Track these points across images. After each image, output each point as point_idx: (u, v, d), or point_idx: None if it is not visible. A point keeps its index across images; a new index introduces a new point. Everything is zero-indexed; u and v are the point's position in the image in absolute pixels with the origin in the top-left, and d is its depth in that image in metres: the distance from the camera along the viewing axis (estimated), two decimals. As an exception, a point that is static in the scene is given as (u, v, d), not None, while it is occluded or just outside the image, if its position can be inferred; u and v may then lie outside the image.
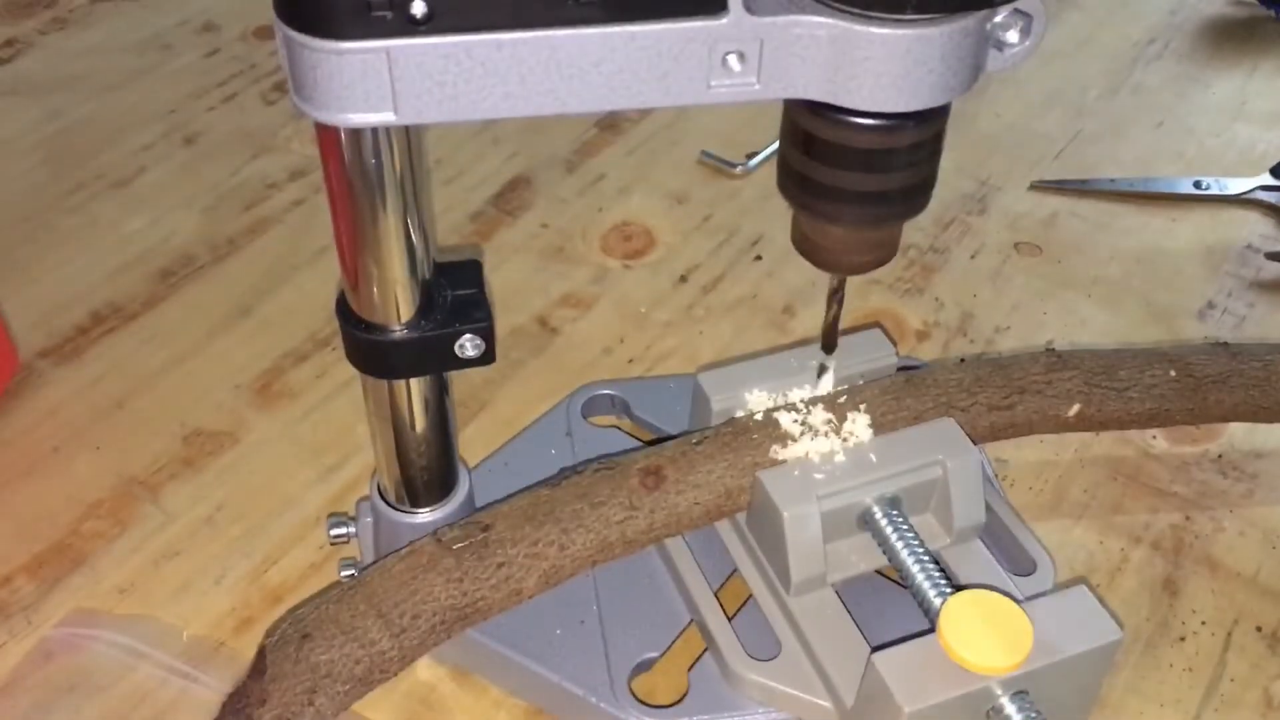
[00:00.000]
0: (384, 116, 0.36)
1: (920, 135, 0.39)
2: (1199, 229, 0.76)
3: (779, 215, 0.46)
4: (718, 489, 0.49)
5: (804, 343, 0.68)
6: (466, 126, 0.82)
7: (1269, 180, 0.78)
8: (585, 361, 0.67)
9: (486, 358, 0.46)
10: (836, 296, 0.48)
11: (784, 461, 0.49)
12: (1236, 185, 0.78)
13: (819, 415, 0.50)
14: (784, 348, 0.56)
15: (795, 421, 0.50)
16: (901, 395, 0.51)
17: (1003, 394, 0.53)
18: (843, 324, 0.50)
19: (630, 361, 0.67)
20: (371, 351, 0.45)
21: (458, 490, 0.52)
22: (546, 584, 0.47)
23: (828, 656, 0.48)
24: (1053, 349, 0.56)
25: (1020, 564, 0.54)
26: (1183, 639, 0.55)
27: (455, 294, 0.46)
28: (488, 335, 0.45)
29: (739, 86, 0.37)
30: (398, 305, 0.44)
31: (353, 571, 0.54)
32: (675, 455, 0.49)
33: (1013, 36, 0.38)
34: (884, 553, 0.49)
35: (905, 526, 0.49)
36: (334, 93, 0.36)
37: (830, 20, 0.36)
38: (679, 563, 0.53)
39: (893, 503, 0.49)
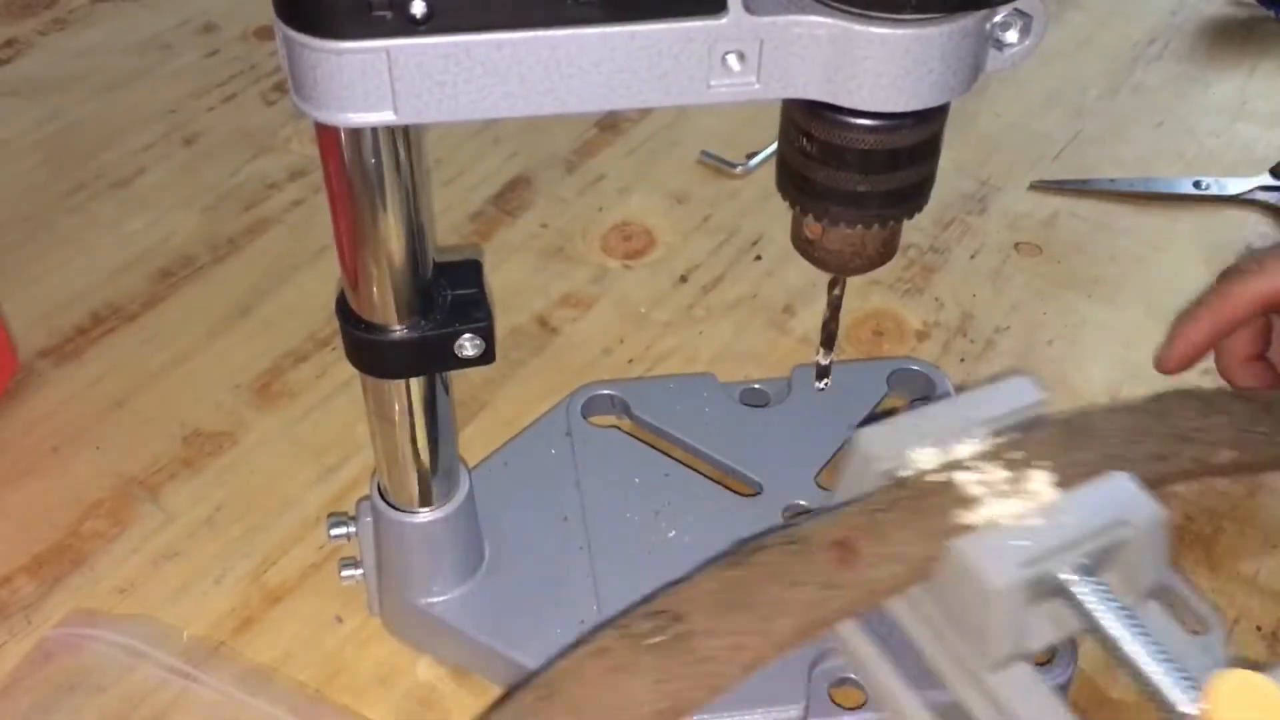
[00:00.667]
0: (384, 116, 0.36)
1: (920, 135, 0.39)
2: (1199, 229, 0.76)
3: (779, 215, 0.46)
4: (912, 561, 0.45)
5: (804, 341, 0.68)
6: (466, 126, 0.82)
7: (1269, 180, 0.78)
8: (585, 361, 0.67)
9: (486, 357, 0.46)
10: (835, 296, 0.48)
11: (974, 528, 0.45)
12: (1236, 185, 0.78)
13: (997, 474, 0.46)
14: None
15: (975, 482, 0.46)
16: (1068, 448, 0.47)
17: (1165, 444, 0.50)
18: (843, 324, 0.50)
19: (630, 361, 0.67)
20: (371, 351, 0.45)
21: (458, 490, 0.52)
22: (748, 672, 0.43)
23: None
24: (1198, 390, 0.54)
25: (1189, 623, 0.51)
26: (1183, 639, 0.55)
27: (455, 294, 0.46)
28: (487, 335, 0.45)
29: (739, 86, 0.37)
30: (397, 305, 0.44)
31: (353, 572, 0.54)
32: (864, 525, 0.45)
33: (1012, 36, 0.37)
34: (1086, 622, 0.45)
35: (1109, 596, 0.45)
36: (334, 92, 0.36)
37: (830, 20, 0.36)
38: (870, 668, 0.49)
39: (1087, 568, 0.45)
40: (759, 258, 0.74)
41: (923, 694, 0.47)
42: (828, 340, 0.50)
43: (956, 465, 0.47)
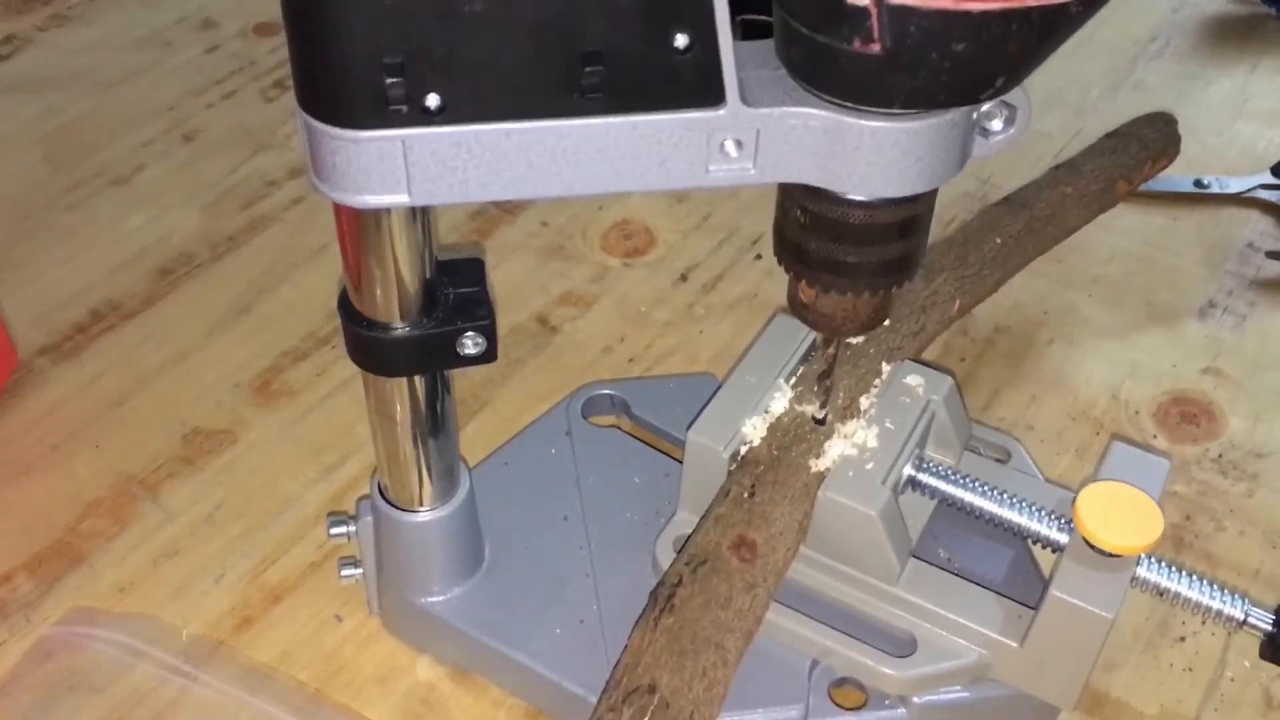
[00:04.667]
0: (399, 198, 0.38)
1: (909, 213, 0.40)
2: (1200, 227, 0.76)
3: (780, 214, 0.47)
4: (795, 527, 0.49)
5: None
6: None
7: (1269, 179, 0.78)
8: (585, 360, 0.67)
9: (488, 356, 0.46)
10: (830, 354, 0.49)
11: (829, 470, 0.50)
12: (1237, 183, 0.78)
13: (817, 414, 0.51)
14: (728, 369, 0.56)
15: (807, 431, 0.50)
16: (855, 361, 0.54)
17: (915, 319, 0.57)
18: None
19: (630, 360, 0.67)
20: (373, 349, 0.45)
21: (458, 490, 0.52)
22: (722, 701, 0.46)
23: (967, 615, 0.49)
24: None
25: (998, 455, 0.58)
26: (1183, 639, 0.55)
27: (457, 292, 0.46)
28: (489, 333, 0.45)
29: (736, 171, 0.38)
30: (400, 303, 0.44)
31: (352, 571, 0.54)
32: (747, 518, 0.49)
33: (997, 125, 0.39)
34: (948, 502, 0.52)
35: (954, 474, 0.52)
36: (351, 177, 0.37)
37: (823, 112, 0.37)
38: (788, 626, 0.52)
39: (921, 457, 0.52)
40: (759, 257, 0.74)
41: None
42: (824, 395, 0.50)
43: (792, 422, 0.52)
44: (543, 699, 0.52)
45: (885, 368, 0.54)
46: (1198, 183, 0.78)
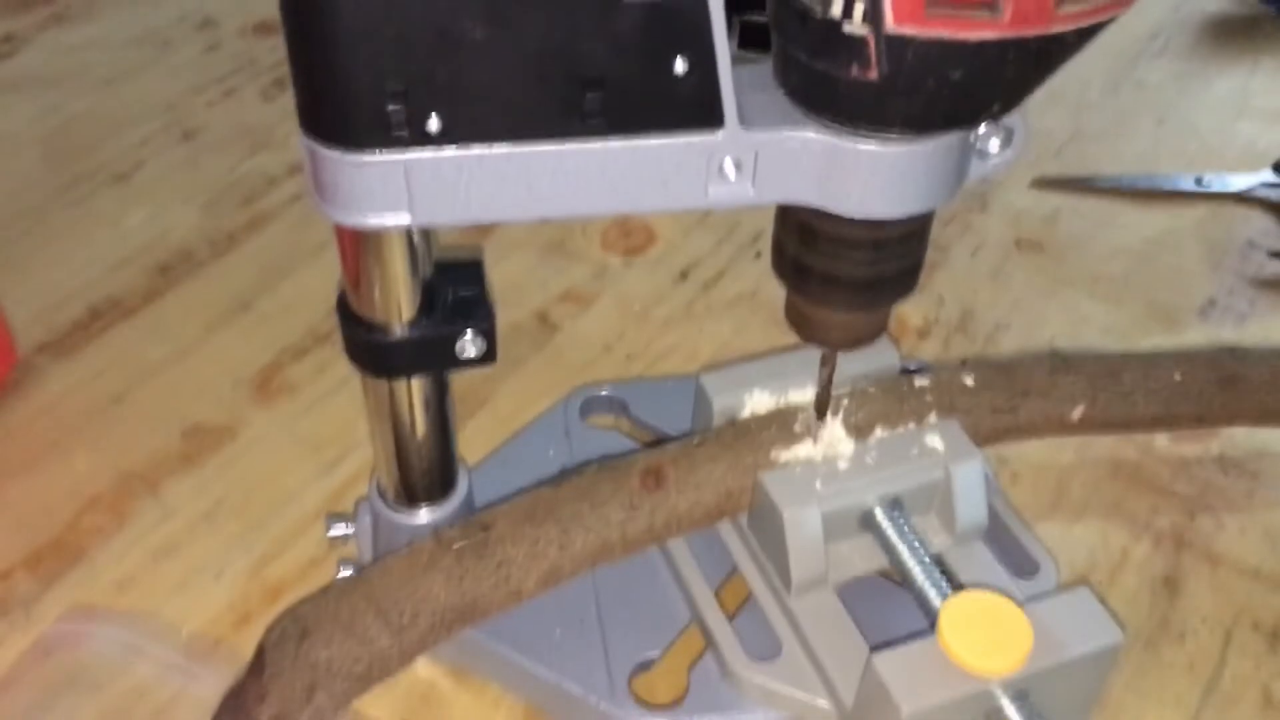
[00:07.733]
0: (400, 219, 0.38)
1: (906, 230, 0.40)
2: (1201, 226, 0.76)
3: (780, 213, 0.47)
4: (719, 490, 0.49)
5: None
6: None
7: (1271, 177, 0.78)
8: (585, 358, 0.67)
9: (488, 357, 0.46)
10: (827, 372, 0.49)
11: (785, 463, 0.49)
12: (1238, 182, 0.78)
13: (822, 419, 0.50)
14: (785, 348, 0.56)
15: (798, 423, 0.50)
16: (905, 396, 0.51)
17: (1006, 396, 0.53)
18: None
19: (630, 359, 0.67)
20: (372, 351, 0.45)
21: (457, 490, 0.52)
22: (546, 584, 0.47)
23: (827, 657, 0.48)
24: (1057, 352, 0.56)
25: (1022, 566, 0.54)
26: (1183, 637, 0.55)
27: (457, 293, 0.46)
28: (489, 335, 0.45)
29: (735, 192, 0.39)
30: (399, 304, 0.44)
31: (351, 571, 0.54)
32: (677, 456, 0.49)
33: (994, 147, 0.40)
34: (885, 554, 0.49)
35: (906, 527, 0.49)
36: (354, 198, 0.37)
37: (821, 136, 0.37)
38: (679, 561, 0.53)
39: (895, 504, 0.49)
40: (759, 254, 0.74)
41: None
42: (820, 411, 0.50)
43: (789, 411, 0.51)
44: (542, 699, 0.52)
45: (930, 419, 0.51)
46: (1199, 181, 0.78)
